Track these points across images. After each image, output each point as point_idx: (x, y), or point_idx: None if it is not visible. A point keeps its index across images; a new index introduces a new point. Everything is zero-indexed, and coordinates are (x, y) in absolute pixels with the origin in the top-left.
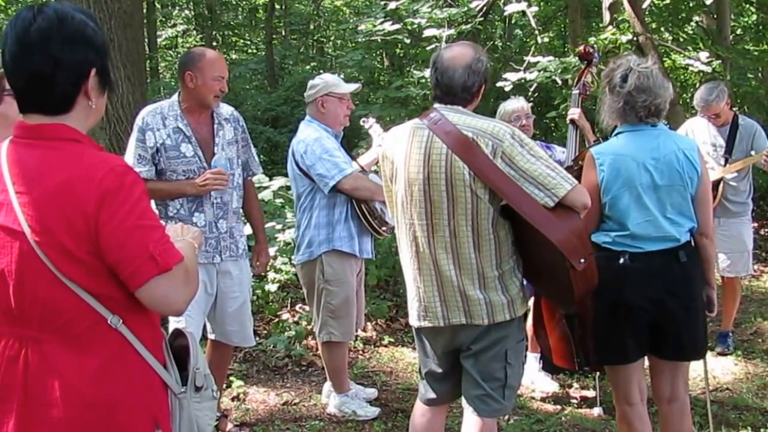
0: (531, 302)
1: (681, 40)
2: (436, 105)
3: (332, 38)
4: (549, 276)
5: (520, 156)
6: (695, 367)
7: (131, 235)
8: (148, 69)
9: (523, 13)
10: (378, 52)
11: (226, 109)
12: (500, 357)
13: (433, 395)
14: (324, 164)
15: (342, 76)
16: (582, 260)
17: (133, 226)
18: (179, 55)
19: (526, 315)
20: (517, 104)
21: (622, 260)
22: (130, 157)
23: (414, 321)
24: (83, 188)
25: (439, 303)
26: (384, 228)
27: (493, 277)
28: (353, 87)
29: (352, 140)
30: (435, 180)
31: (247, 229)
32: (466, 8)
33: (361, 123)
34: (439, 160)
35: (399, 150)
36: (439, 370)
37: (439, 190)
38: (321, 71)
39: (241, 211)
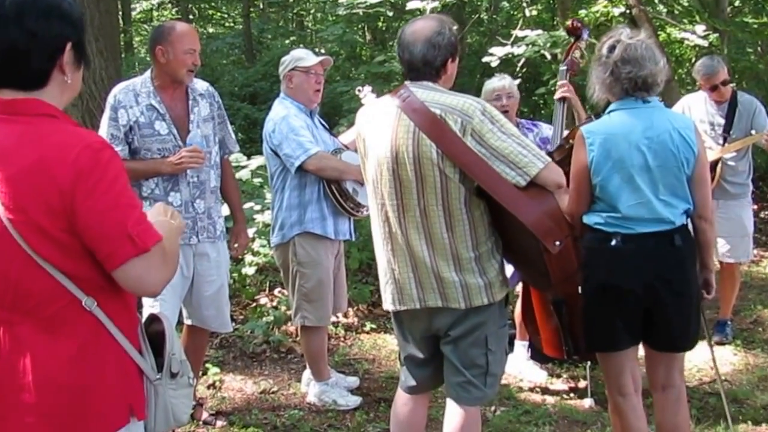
0: (519, 287)
1: (676, 12)
2: (407, 82)
3: (312, 11)
4: (524, 259)
5: (490, 133)
6: (691, 357)
7: (108, 214)
8: (122, 43)
9: None
10: (360, 26)
11: (200, 85)
12: (480, 343)
13: (413, 382)
14: (290, 143)
15: (323, 51)
16: (557, 242)
17: (110, 204)
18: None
19: (507, 299)
20: (499, 83)
21: (614, 242)
22: (102, 133)
23: (388, 305)
24: (58, 165)
25: (414, 285)
26: (360, 210)
27: (469, 258)
28: (318, 59)
29: (333, 117)
30: (402, 159)
31: (225, 210)
32: None
33: (356, 92)
34: (406, 138)
35: (369, 128)
36: (420, 356)
37: (408, 169)
38: (300, 46)
39: (218, 190)
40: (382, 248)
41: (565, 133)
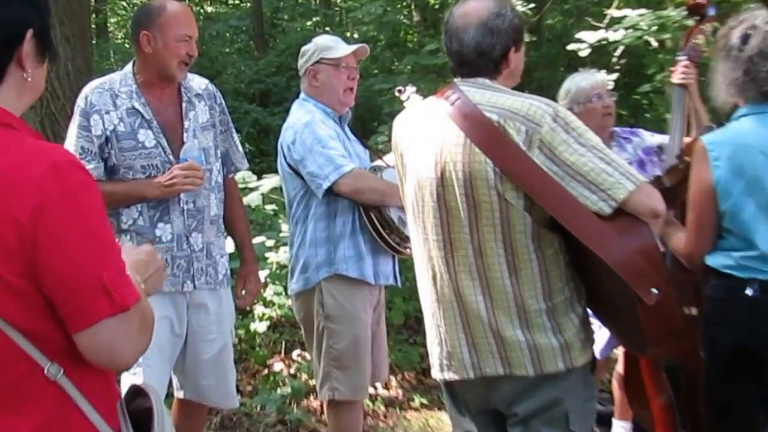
0: (620, 350)
1: None
2: (456, 80)
3: None
4: (614, 311)
5: (564, 145)
6: None
7: (79, 257)
8: (93, 26)
9: None
10: (405, 3)
11: (198, 83)
12: (559, 423)
13: None
14: (316, 159)
15: (356, 36)
16: (654, 290)
17: (82, 244)
18: (134, 9)
19: (594, 365)
20: (593, 79)
21: (750, 290)
22: (70, 149)
23: (436, 372)
24: (16, 191)
25: (466, 347)
26: (408, 245)
27: (539, 311)
28: (351, 48)
29: (370, 123)
30: (450, 180)
31: (229, 246)
32: None
33: (396, 93)
34: (454, 153)
35: (408, 140)
36: None
37: (456, 193)
38: (326, 29)
39: (221, 220)
40: (427, 297)
41: (686, 141)
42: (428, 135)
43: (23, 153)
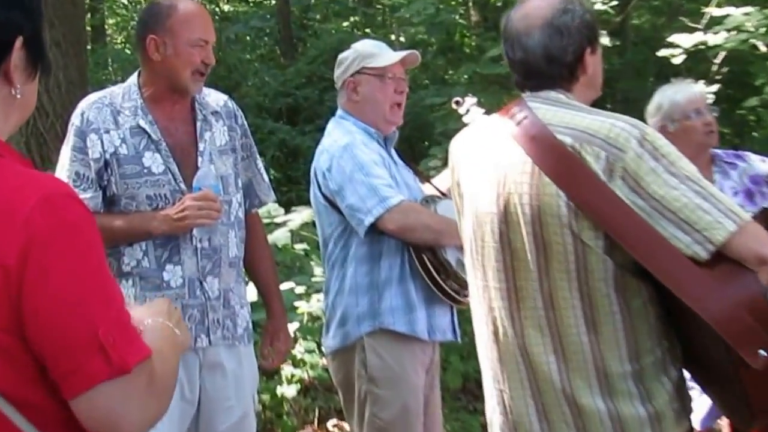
0: (724, 421)
1: None
2: (524, 94)
3: None
4: (714, 374)
5: (652, 175)
6: None
7: (72, 308)
8: (88, 28)
9: None
10: (461, 1)
11: (215, 98)
12: None
13: None
14: (356, 189)
15: (402, 40)
16: (762, 352)
17: (76, 292)
18: (138, 8)
19: None
20: (690, 91)
21: None
22: (62, 175)
23: None
24: (1, 229)
25: (534, 416)
26: (465, 291)
27: (623, 374)
28: (398, 55)
29: (420, 145)
30: (515, 216)
31: (252, 294)
32: None
33: (453, 105)
34: (520, 183)
35: (467, 167)
36: None
37: (523, 232)
38: (366, 32)
39: (241, 263)
40: (487, 357)
41: None
42: (490, 161)
43: (9, 184)
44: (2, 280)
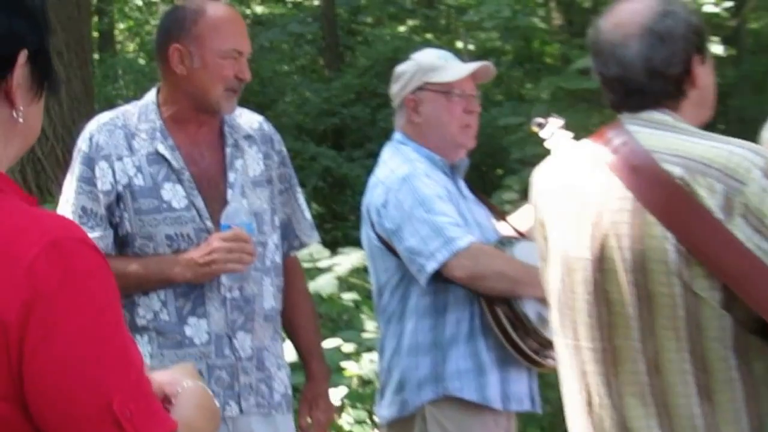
0: None
1: None
2: (622, 116)
3: None
4: None
5: None
6: None
7: (82, 376)
8: (95, 33)
9: None
10: (542, 1)
11: (248, 120)
12: None
13: None
14: (417, 228)
15: (471, 47)
16: None
17: (86, 357)
18: (153, 10)
19: None
20: None
21: None
22: (66, 211)
23: None
24: (0, 278)
25: None
26: (547, 352)
27: None
28: (469, 68)
29: (491, 173)
30: (612, 262)
31: (291, 353)
32: None
33: (533, 128)
34: (618, 222)
35: (552, 203)
36: None
37: (622, 281)
38: (428, 38)
39: (278, 316)
40: (577, 429)
41: None
42: (581, 196)
43: (10, 226)
44: (0, 338)
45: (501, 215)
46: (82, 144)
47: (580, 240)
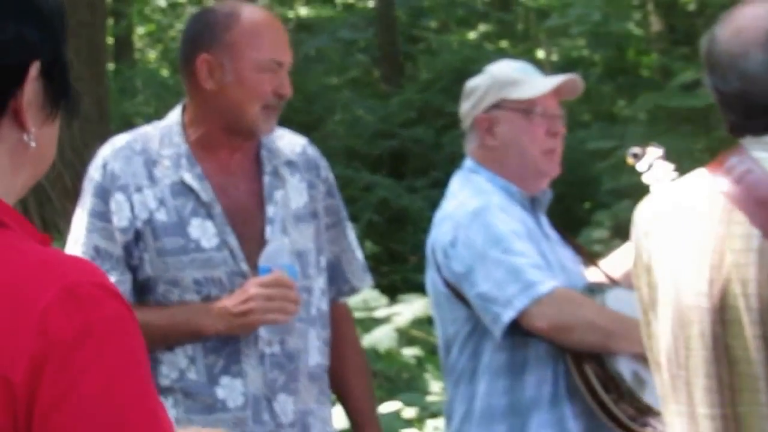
0: None
1: None
2: (744, 140)
3: None
4: None
5: None
6: None
7: None
8: (111, 39)
9: None
10: (638, 3)
11: (290, 142)
12: None
13: None
14: (492, 271)
15: (553, 56)
16: None
17: (106, 427)
18: (177, 12)
19: None
20: None
21: None
22: (76, 251)
23: None
24: (5, 332)
25: None
26: (645, 419)
27: None
28: (553, 81)
29: (577, 207)
30: (736, 312)
31: (340, 417)
32: None
33: (628, 159)
34: (743, 265)
35: (661, 245)
36: None
37: (747, 335)
38: (502, 46)
39: (326, 375)
40: None
41: None
42: (697, 235)
43: (19, 269)
44: (6, 400)
45: (589, 258)
46: (94, 172)
47: (696, 286)
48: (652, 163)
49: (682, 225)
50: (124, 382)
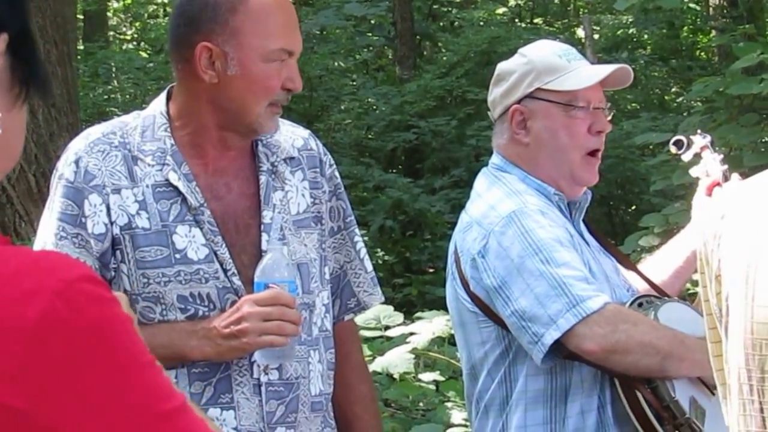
0: None
1: None
2: None
3: None
4: None
5: None
6: None
7: None
8: (80, 17)
9: None
10: None
11: (290, 135)
12: None
13: None
14: (532, 285)
15: (595, 35)
16: None
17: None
18: None
19: None
20: None
21: None
22: None
23: None
24: None
25: None
26: None
27: None
28: (602, 73)
29: (622, 210)
30: None
31: None
32: None
33: (671, 148)
34: None
35: (732, 249)
36: None
37: None
38: (535, 25)
39: (330, 405)
40: None
41: None
42: None
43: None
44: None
45: (635, 269)
46: (64, 169)
47: None
48: (699, 153)
49: (760, 229)
50: (132, 390)
